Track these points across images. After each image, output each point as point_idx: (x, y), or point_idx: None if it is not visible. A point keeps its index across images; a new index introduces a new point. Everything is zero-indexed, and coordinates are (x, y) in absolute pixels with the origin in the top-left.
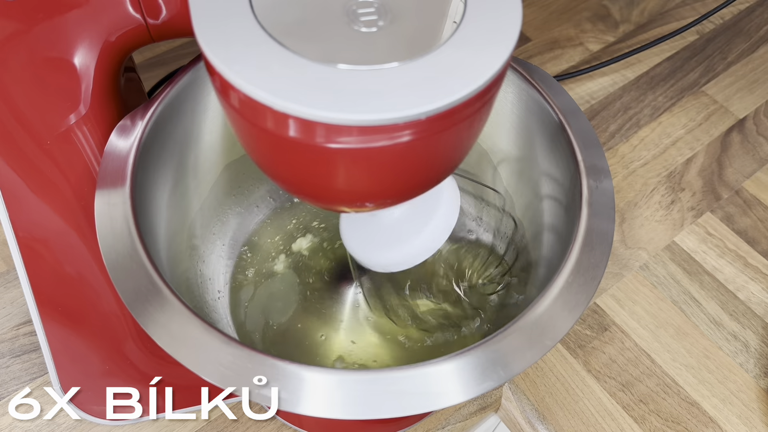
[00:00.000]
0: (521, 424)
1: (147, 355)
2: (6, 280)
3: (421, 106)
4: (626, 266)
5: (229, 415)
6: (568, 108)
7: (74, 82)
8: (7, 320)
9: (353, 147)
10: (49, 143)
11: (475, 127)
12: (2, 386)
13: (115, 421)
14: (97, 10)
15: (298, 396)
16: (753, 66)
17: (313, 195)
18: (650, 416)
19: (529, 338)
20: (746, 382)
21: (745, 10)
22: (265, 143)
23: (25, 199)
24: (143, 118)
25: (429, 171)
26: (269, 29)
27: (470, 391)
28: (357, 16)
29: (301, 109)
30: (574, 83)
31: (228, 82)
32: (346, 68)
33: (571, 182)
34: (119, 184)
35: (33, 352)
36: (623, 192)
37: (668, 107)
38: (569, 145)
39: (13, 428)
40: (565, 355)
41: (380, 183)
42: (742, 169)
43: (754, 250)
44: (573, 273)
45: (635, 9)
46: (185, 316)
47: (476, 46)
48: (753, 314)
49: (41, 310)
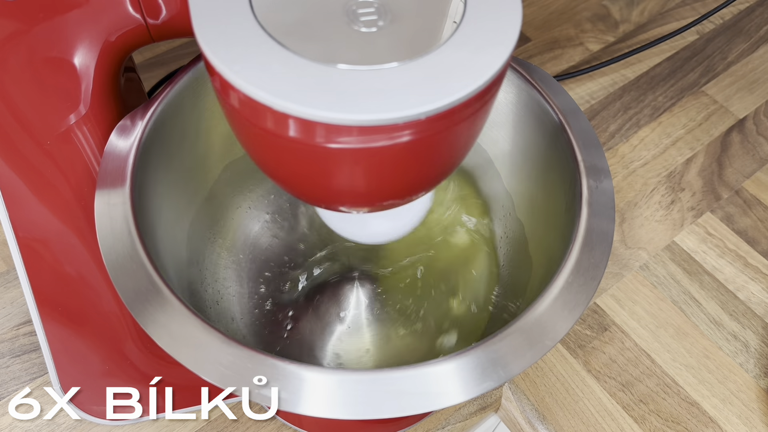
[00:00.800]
0: (521, 424)
1: (147, 355)
2: (6, 280)
3: (421, 106)
4: (626, 266)
5: (229, 415)
6: (568, 108)
7: (74, 82)
8: (7, 320)
9: (353, 147)
10: (49, 143)
11: (475, 127)
12: (2, 386)
13: (115, 421)
14: (97, 10)
15: (298, 396)
16: (753, 66)
17: (312, 195)
18: (650, 416)
19: (529, 338)
20: (746, 382)
21: (745, 10)
22: (265, 143)
23: (25, 199)
24: (143, 118)
25: (429, 171)
26: (269, 29)
27: (470, 391)
28: (357, 16)
29: (300, 109)
30: (574, 83)
31: (228, 83)
32: (346, 68)
33: (571, 182)
34: (119, 184)
35: (33, 352)
36: (623, 192)
37: (668, 107)
38: (569, 145)
39: (13, 428)
40: (565, 355)
41: (380, 183)
42: (742, 169)
43: (754, 250)
44: (573, 273)
45: (635, 9)
46: (185, 316)
47: (476, 46)
48: (753, 314)
49: (41, 310)
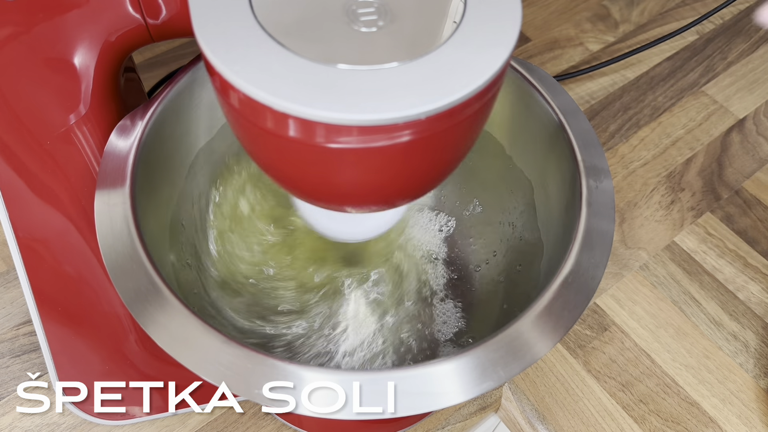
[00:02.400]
0: (521, 424)
1: (147, 355)
2: (6, 280)
3: (421, 106)
4: (626, 266)
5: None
6: (568, 108)
7: (74, 82)
8: (7, 320)
9: (353, 147)
10: (49, 143)
11: (475, 127)
12: (2, 386)
13: (115, 421)
14: (97, 10)
15: (298, 396)
16: (753, 66)
17: (312, 195)
18: (650, 416)
19: (529, 338)
20: (746, 382)
21: (745, 10)
22: (265, 143)
23: (25, 199)
24: (143, 118)
25: (429, 171)
26: (269, 29)
27: (470, 391)
28: (357, 16)
29: (301, 109)
30: (574, 83)
31: (228, 82)
32: (346, 68)
33: (571, 182)
34: (119, 184)
35: (33, 352)
36: (623, 192)
37: (668, 107)
38: (569, 145)
39: (13, 428)
40: (565, 355)
41: (380, 183)
42: (741, 169)
43: (754, 250)
44: (573, 273)
45: (635, 9)
46: (185, 316)
47: (476, 46)
48: (753, 314)
49: (41, 310)
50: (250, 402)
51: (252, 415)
